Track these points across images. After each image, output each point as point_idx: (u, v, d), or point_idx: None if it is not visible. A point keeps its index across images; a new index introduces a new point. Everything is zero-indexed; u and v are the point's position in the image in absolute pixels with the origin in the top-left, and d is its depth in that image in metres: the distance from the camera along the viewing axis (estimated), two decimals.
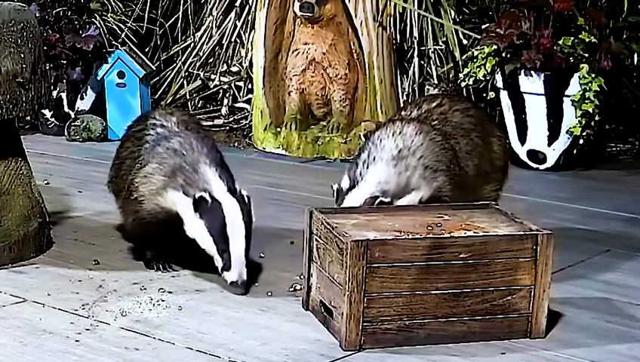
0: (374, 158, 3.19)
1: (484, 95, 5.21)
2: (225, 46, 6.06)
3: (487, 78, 5.05)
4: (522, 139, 5.08)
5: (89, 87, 5.69)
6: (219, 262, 3.15)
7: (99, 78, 5.62)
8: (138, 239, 3.46)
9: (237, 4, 6.01)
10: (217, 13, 6.08)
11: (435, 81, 5.54)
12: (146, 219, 3.31)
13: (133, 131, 3.55)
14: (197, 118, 4.29)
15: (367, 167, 3.19)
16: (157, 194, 3.26)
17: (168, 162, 3.28)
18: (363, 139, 5.09)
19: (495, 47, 4.97)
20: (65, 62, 5.51)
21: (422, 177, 3.19)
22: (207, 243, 3.15)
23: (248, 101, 5.90)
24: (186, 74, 6.11)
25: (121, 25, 5.86)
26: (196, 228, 3.16)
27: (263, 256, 3.52)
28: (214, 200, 3.13)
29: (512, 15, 4.99)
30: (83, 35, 5.54)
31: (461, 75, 5.18)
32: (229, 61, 6.07)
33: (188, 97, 6.09)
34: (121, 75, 5.60)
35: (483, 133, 3.49)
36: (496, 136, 3.59)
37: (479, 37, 5.14)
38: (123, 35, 5.86)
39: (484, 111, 4.07)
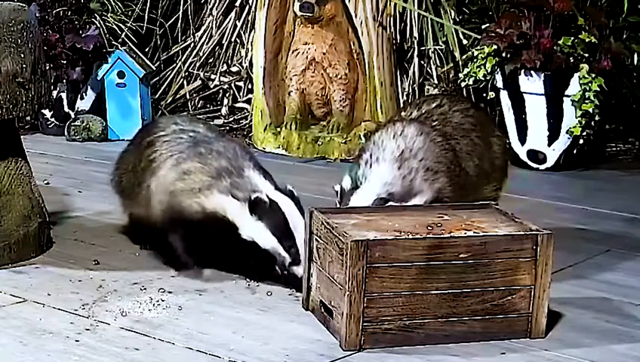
0: (377, 158, 3.19)
1: (484, 95, 5.21)
2: (225, 46, 6.06)
3: (487, 78, 5.04)
4: (522, 139, 5.08)
5: (89, 87, 5.69)
6: (286, 259, 3.16)
7: (99, 78, 5.62)
8: (169, 231, 3.35)
9: (237, 4, 6.02)
10: (217, 13, 6.08)
11: (435, 81, 5.54)
12: (175, 208, 3.28)
13: (157, 137, 3.44)
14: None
15: (371, 167, 3.18)
16: (199, 193, 3.25)
17: (213, 163, 3.28)
18: (363, 139, 5.09)
19: (495, 47, 4.97)
20: (65, 62, 5.52)
21: (423, 179, 3.19)
22: (270, 243, 3.16)
23: (248, 101, 5.90)
24: (186, 74, 6.11)
25: (121, 25, 5.86)
26: (256, 230, 3.17)
27: None
28: (270, 199, 3.16)
29: (512, 15, 4.99)
30: (83, 35, 5.55)
31: (461, 75, 5.18)
32: (229, 61, 6.07)
33: (188, 97, 6.09)
34: (121, 75, 5.60)
35: (483, 133, 3.49)
36: (495, 135, 3.59)
37: (479, 37, 5.14)
38: (123, 35, 5.87)
39: (484, 111, 4.07)
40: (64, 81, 5.58)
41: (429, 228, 2.90)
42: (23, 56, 3.34)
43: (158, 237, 3.39)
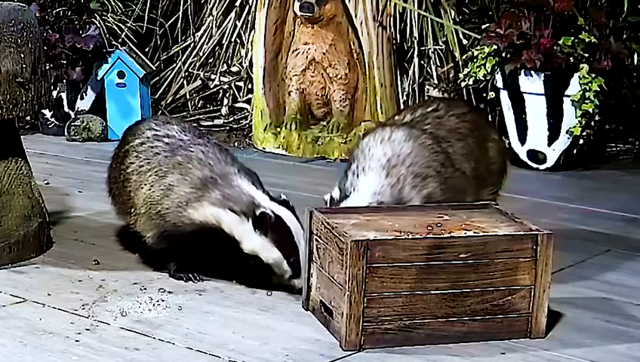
0: (364, 168, 3.15)
1: (484, 95, 5.21)
2: (225, 46, 6.06)
3: (487, 78, 5.05)
4: (522, 139, 5.08)
5: (89, 87, 5.69)
6: (288, 272, 3.13)
7: (99, 78, 5.62)
8: (161, 252, 3.35)
9: (237, 4, 6.02)
10: (217, 13, 6.08)
11: (435, 81, 5.54)
12: (167, 231, 3.26)
13: (132, 146, 3.42)
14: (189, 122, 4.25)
15: (358, 177, 3.14)
16: (187, 207, 3.21)
17: (195, 173, 3.23)
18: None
19: (495, 47, 4.97)
20: (65, 62, 5.52)
21: (412, 187, 3.16)
22: (274, 257, 3.13)
23: (248, 101, 5.90)
24: (186, 74, 6.12)
25: (121, 25, 5.86)
26: (260, 245, 3.13)
27: None
28: (275, 214, 3.12)
29: (512, 15, 4.99)
30: (83, 35, 5.54)
31: (461, 75, 5.18)
32: (229, 61, 6.08)
33: (188, 97, 6.09)
34: (121, 75, 5.60)
35: (479, 138, 3.45)
36: (492, 140, 3.54)
37: (479, 37, 5.14)
38: (123, 35, 5.87)
39: (482, 114, 4.04)
40: (64, 81, 5.58)
41: (429, 228, 2.90)
42: (23, 56, 3.34)
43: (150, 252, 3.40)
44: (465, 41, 5.41)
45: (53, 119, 5.68)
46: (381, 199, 3.10)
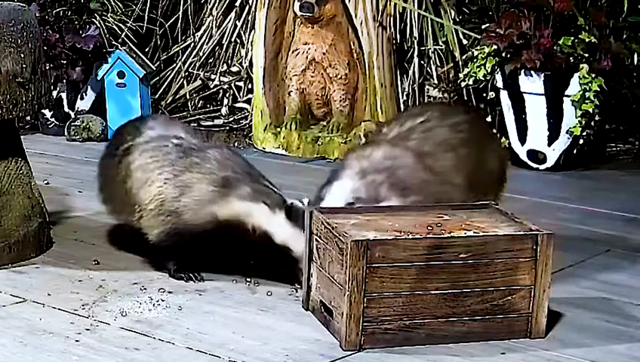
0: (339, 175, 3.17)
1: (484, 95, 5.21)
2: (225, 46, 6.06)
3: (487, 78, 5.04)
4: (522, 139, 5.08)
5: (89, 87, 5.69)
6: None
7: (99, 78, 5.62)
8: (164, 250, 3.34)
9: (237, 4, 6.02)
10: (217, 13, 6.08)
11: (435, 81, 5.54)
12: (178, 229, 3.25)
13: (134, 144, 3.39)
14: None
15: (332, 183, 3.17)
16: (209, 204, 3.22)
17: (217, 173, 3.24)
18: (363, 139, 5.09)
19: (495, 47, 4.97)
20: (65, 62, 5.52)
21: (391, 190, 3.15)
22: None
23: (248, 101, 5.90)
24: (186, 74, 6.11)
25: (121, 25, 5.86)
26: (292, 235, 3.16)
27: None
28: (304, 206, 3.17)
29: (512, 15, 4.99)
30: (83, 35, 5.54)
31: (461, 75, 5.18)
32: (229, 61, 6.08)
33: (188, 97, 6.09)
34: (121, 75, 5.60)
35: (475, 148, 3.37)
36: (491, 148, 3.48)
37: (479, 37, 5.14)
38: (123, 35, 5.86)
39: (481, 121, 3.92)
40: (64, 81, 5.58)
41: (429, 228, 2.90)
42: (23, 56, 3.34)
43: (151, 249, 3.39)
44: (465, 41, 5.41)
45: (53, 119, 5.68)
46: (357, 195, 3.10)
